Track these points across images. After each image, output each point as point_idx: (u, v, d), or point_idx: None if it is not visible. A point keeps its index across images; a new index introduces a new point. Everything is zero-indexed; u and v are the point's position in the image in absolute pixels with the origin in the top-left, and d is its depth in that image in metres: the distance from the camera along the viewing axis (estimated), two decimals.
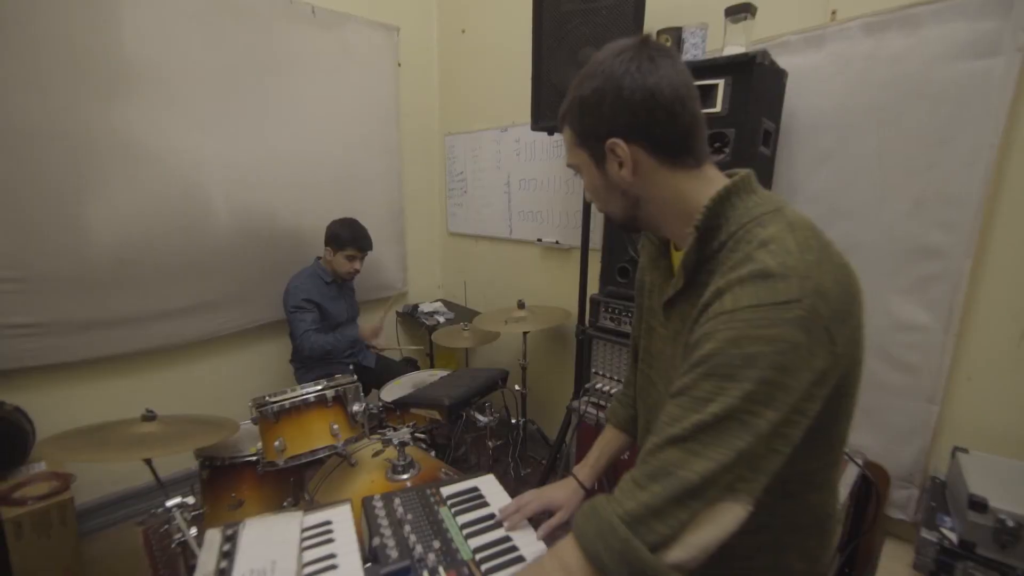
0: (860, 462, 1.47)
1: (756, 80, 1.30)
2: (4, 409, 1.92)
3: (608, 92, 0.66)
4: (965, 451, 1.38)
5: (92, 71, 1.99)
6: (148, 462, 1.50)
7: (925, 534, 1.26)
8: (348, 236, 2.33)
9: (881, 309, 1.50)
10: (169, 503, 1.38)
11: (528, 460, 2.59)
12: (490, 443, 2.01)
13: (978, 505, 1.17)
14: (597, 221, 2.05)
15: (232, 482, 1.71)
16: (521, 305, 2.26)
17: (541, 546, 0.91)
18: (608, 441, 1.03)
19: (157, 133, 2.15)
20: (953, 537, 1.23)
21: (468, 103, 3.02)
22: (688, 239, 0.66)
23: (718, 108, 1.32)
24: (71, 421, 1.63)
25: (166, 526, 1.40)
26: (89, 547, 2.13)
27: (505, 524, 0.94)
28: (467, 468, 2.21)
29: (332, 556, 0.76)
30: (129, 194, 2.12)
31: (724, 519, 0.56)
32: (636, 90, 0.64)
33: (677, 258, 0.75)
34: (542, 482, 2.13)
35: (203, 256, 2.35)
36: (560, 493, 0.97)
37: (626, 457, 1.35)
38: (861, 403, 1.58)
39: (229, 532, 0.79)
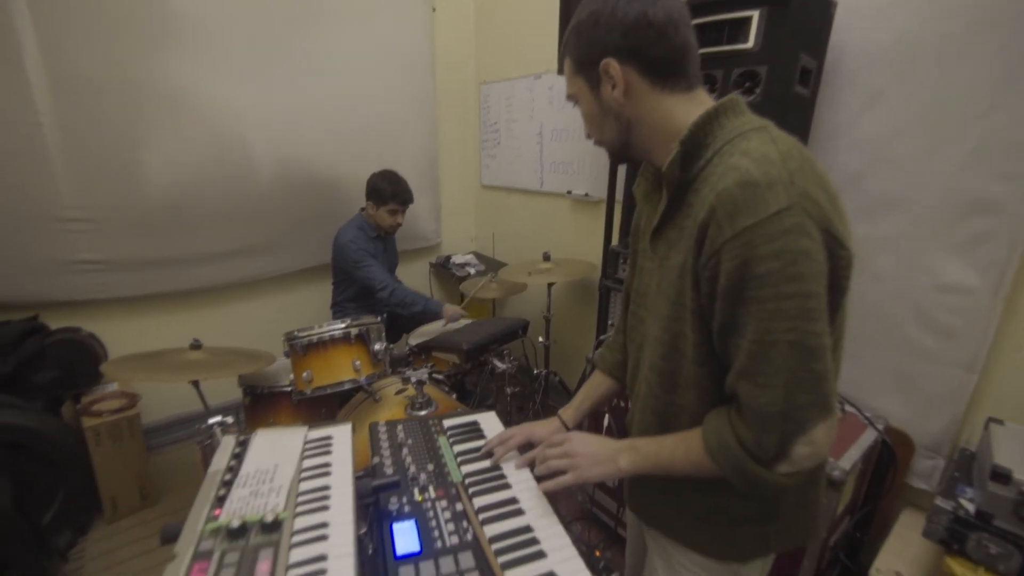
0: (881, 427, 1.41)
1: (795, 12, 1.18)
2: (81, 334, 2.17)
3: (603, 14, 0.68)
4: (1000, 423, 1.30)
5: (141, 23, 2.08)
6: (196, 385, 1.67)
7: (940, 502, 1.21)
8: (390, 191, 2.30)
9: (922, 267, 1.39)
10: (211, 420, 1.54)
11: (550, 410, 2.66)
12: (508, 389, 2.08)
13: (1000, 476, 1.11)
14: (624, 172, 1.99)
15: (270, 409, 1.87)
16: (546, 257, 2.26)
17: (527, 474, 0.96)
18: (594, 386, 1.05)
19: (199, 83, 2.24)
20: (970, 507, 1.18)
21: (503, 49, 2.93)
22: (672, 155, 0.67)
23: (749, 44, 1.22)
24: (132, 348, 1.82)
25: (209, 440, 1.57)
26: (156, 460, 2.44)
27: (493, 454, 0.99)
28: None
29: (328, 465, 0.83)
30: (176, 143, 2.25)
31: (817, 435, 0.61)
32: (629, 11, 0.66)
33: None
34: None
35: (245, 203, 2.48)
36: (543, 430, 1.00)
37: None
38: (890, 367, 1.51)
39: (242, 439, 0.88)
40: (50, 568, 1.65)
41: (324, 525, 0.69)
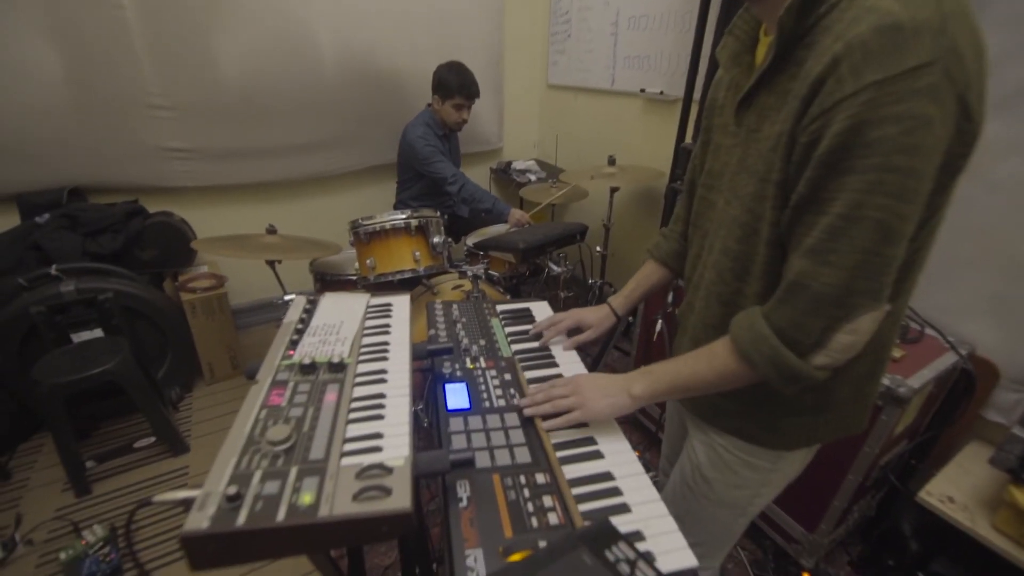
0: (964, 353, 1.30)
1: None
2: (174, 218, 2.38)
3: None
4: None
5: None
6: (272, 267, 1.80)
7: (1017, 431, 1.14)
8: (456, 83, 2.21)
9: None
10: (287, 297, 1.69)
11: None
12: (562, 294, 2.10)
13: None
14: (704, 67, 1.78)
15: None
16: (611, 161, 2.15)
17: (574, 355, 0.98)
18: (646, 275, 1.02)
19: None
20: None
21: None
22: None
23: None
24: (216, 232, 1.98)
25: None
26: (242, 337, 2.73)
27: (542, 336, 1.02)
28: None
29: (388, 326, 0.89)
30: (245, 29, 2.24)
31: (863, 324, 0.57)
32: None
33: (764, 48, 0.65)
34: (608, 341, 2.22)
35: (312, 96, 2.50)
36: (592, 315, 1.01)
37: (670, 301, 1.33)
38: (988, 291, 1.36)
39: (311, 298, 0.96)
40: (166, 414, 1.96)
41: (383, 372, 0.75)
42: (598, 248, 2.39)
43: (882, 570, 1.42)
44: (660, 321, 1.53)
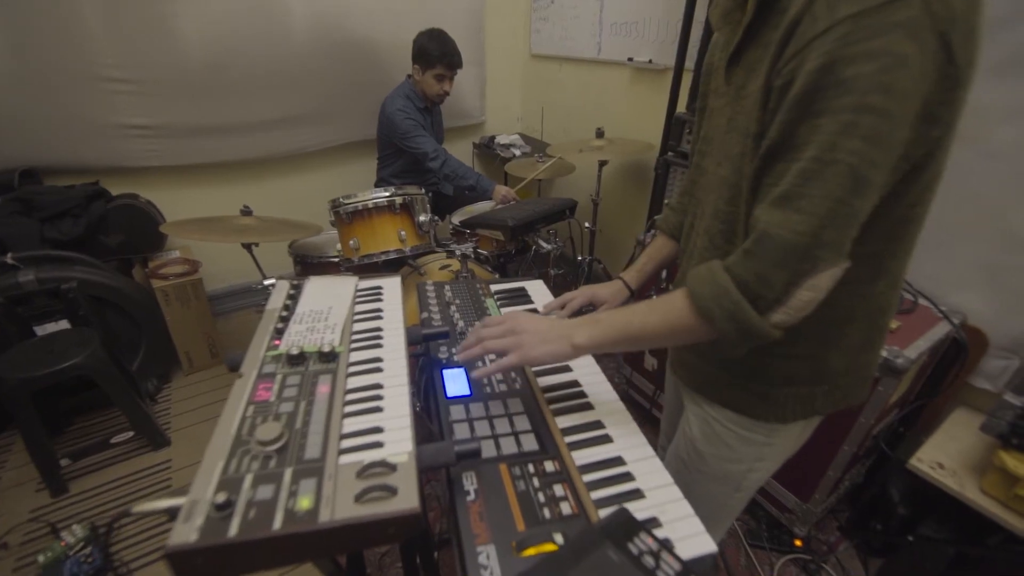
0: (956, 322, 1.31)
1: None
2: (140, 201, 2.24)
3: None
4: None
5: None
6: (249, 250, 1.71)
7: (1008, 398, 1.15)
8: (437, 51, 2.10)
9: None
10: (266, 282, 1.61)
11: None
12: (552, 271, 2.06)
13: None
14: (697, 34, 1.72)
15: None
16: (599, 134, 2.09)
17: None
18: (657, 248, 0.99)
19: None
20: None
21: None
22: None
23: None
24: (186, 216, 1.86)
25: (265, 304, 1.65)
26: (221, 324, 2.63)
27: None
28: None
29: (379, 311, 0.84)
30: None
31: (823, 281, 0.55)
32: None
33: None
34: None
35: (284, 66, 2.36)
36: (605, 291, 0.97)
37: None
38: (980, 260, 1.36)
39: (296, 283, 0.89)
40: (143, 407, 1.88)
41: (378, 360, 0.70)
42: (587, 224, 2.34)
43: (870, 535, 1.46)
44: (655, 296, 1.50)
